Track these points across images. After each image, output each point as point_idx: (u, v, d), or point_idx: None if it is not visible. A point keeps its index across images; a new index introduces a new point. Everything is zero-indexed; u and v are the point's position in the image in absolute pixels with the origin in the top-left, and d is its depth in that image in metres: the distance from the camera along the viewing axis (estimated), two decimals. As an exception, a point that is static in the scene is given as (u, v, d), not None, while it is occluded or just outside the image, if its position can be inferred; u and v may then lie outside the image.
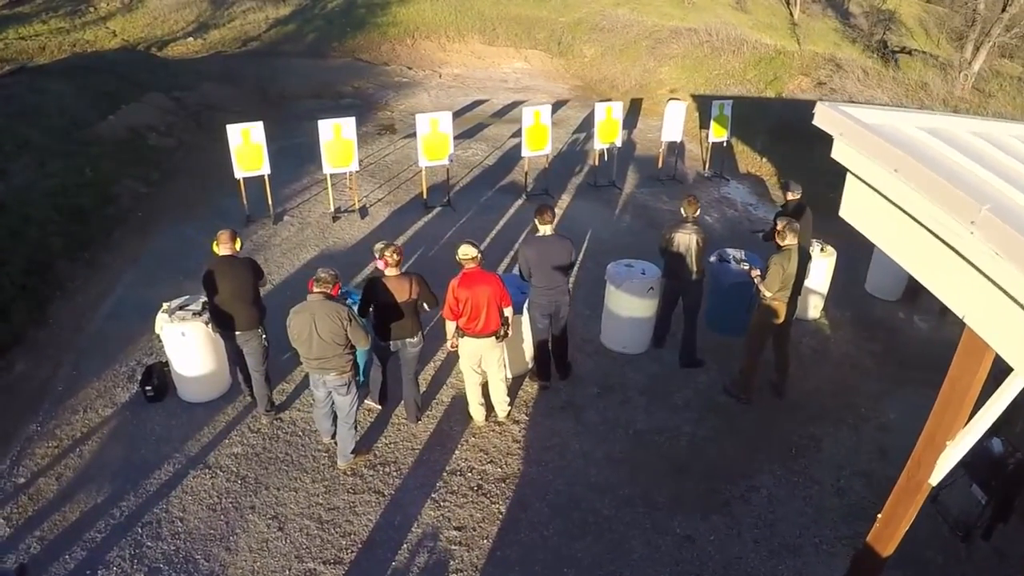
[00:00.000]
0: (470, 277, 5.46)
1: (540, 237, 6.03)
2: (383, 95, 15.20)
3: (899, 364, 7.63)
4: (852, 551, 5.04)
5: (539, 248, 5.97)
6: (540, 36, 19.11)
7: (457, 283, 5.45)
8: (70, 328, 7.16)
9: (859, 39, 22.26)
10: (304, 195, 10.49)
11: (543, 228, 6.02)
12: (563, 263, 6.07)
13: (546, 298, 6.05)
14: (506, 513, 5.28)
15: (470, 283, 5.44)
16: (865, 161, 3.07)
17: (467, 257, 5.49)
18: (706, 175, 12.60)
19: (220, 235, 5.57)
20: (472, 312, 5.48)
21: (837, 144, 3.22)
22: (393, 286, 5.32)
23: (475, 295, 5.44)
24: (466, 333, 5.62)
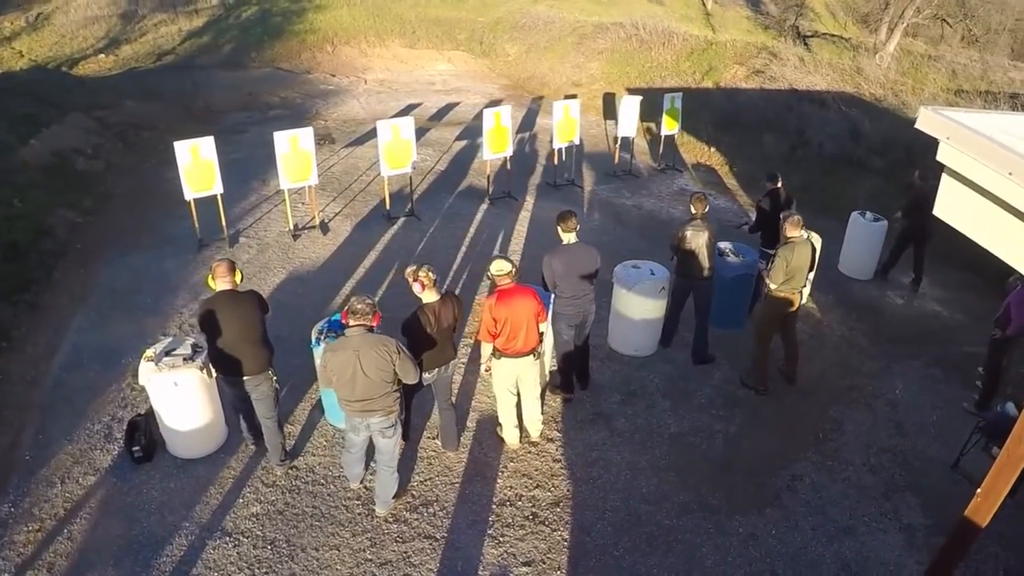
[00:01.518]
0: (507, 294, 5.24)
1: (566, 246, 5.93)
2: (312, 104, 14.65)
3: (889, 341, 8.01)
4: (898, 525, 5.46)
5: (566, 257, 5.85)
6: (461, 37, 19.04)
7: (495, 302, 5.21)
8: (24, 384, 6.38)
9: (771, 26, 23.47)
10: (255, 213, 9.85)
11: (568, 236, 5.91)
12: (590, 271, 6.00)
13: (573, 308, 5.90)
14: (570, 539, 5.11)
15: (508, 300, 5.23)
16: (975, 164, 3.14)
17: (502, 273, 5.25)
18: (659, 168, 12.75)
19: (216, 267, 5.01)
20: (511, 331, 5.28)
21: (943, 147, 3.32)
22: (437, 311, 4.99)
23: (514, 313, 5.24)
24: (504, 354, 5.35)
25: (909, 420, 6.79)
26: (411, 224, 9.89)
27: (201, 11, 18.95)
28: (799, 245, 6.43)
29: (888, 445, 6.40)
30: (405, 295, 7.78)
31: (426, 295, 5.06)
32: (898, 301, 9.00)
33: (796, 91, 13.23)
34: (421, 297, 5.09)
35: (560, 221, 5.91)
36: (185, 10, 18.79)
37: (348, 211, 10.20)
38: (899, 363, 7.63)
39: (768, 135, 12.67)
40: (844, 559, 5.16)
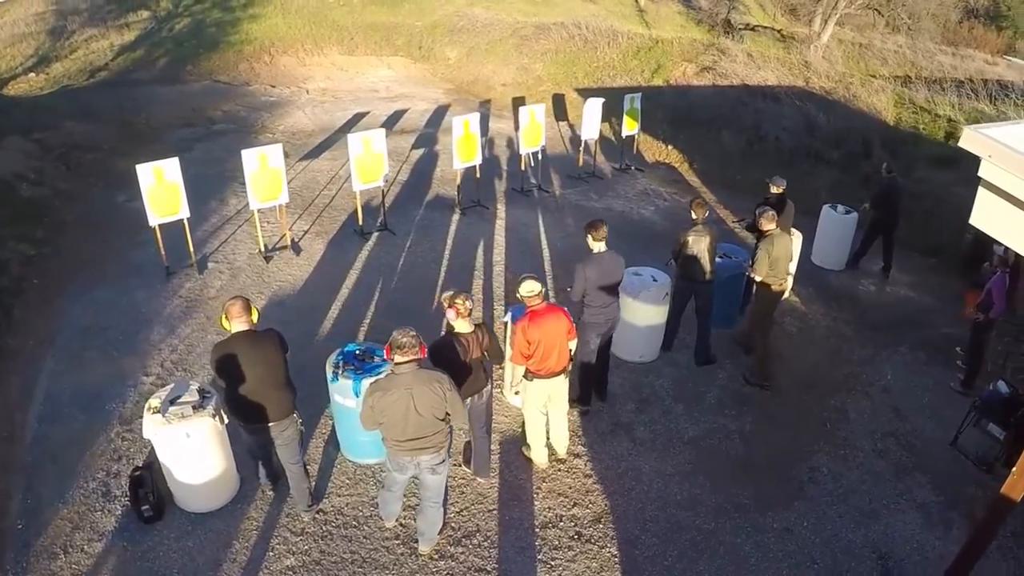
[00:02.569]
0: (539, 315, 5.25)
1: (598, 255, 6.03)
2: (257, 117, 14.28)
3: (872, 328, 8.49)
4: (914, 504, 5.89)
5: (599, 266, 5.98)
6: (400, 42, 18.94)
7: (528, 324, 5.21)
8: (1, 441, 5.85)
9: (704, 20, 24.22)
10: (219, 236, 9.50)
11: (598, 245, 6.00)
12: (619, 279, 6.12)
13: (603, 316, 6.01)
14: (620, 554, 5.23)
15: (541, 321, 5.25)
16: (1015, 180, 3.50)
17: (533, 294, 5.24)
18: (620, 168, 13.00)
19: (230, 307, 4.66)
20: (544, 352, 5.32)
21: (985, 164, 3.67)
22: (467, 341, 4.96)
23: (547, 334, 5.27)
24: (537, 375, 5.40)
25: (904, 404, 7.23)
26: (386, 239, 9.75)
27: (132, 25, 18.20)
28: (776, 237, 6.92)
29: (890, 429, 6.83)
30: (396, 315, 7.77)
31: (459, 323, 4.99)
32: (872, 289, 9.54)
33: (748, 87, 13.78)
34: (454, 324, 5.01)
35: (591, 230, 5.98)
36: (116, 24, 18.01)
37: (317, 228, 9.95)
38: (885, 350, 8.09)
39: (726, 131, 13.12)
40: (873, 542, 5.51)
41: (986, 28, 26.41)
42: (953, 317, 8.84)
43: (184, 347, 7.20)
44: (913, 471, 6.32)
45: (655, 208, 11.67)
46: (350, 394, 5.32)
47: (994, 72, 16.87)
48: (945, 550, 5.42)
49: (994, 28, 26.87)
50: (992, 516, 4.62)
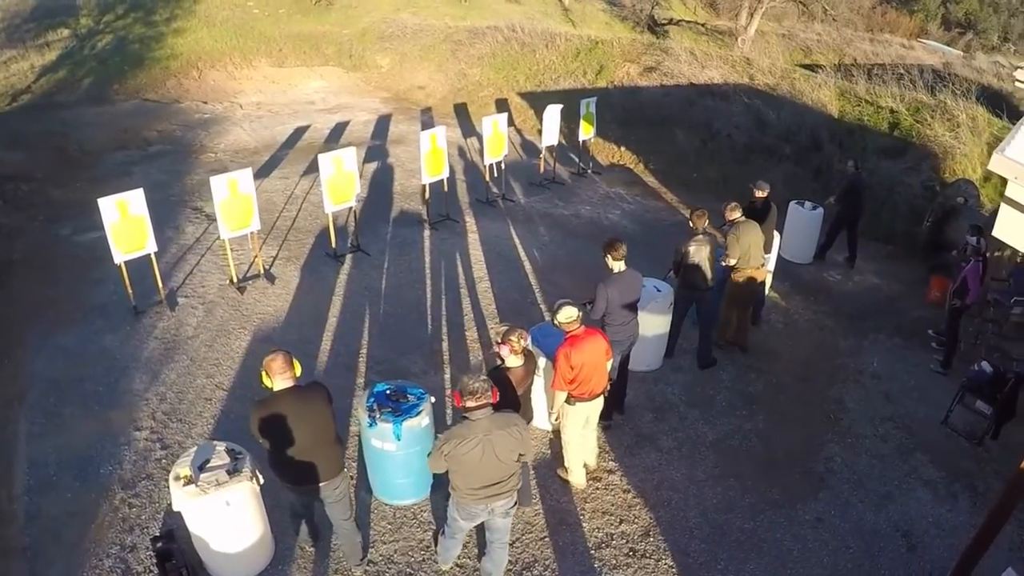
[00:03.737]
0: (580, 339, 5.42)
1: (619, 274, 6.28)
2: (194, 136, 13.83)
3: (850, 318, 9.14)
4: (921, 483, 6.48)
5: (620, 285, 6.24)
6: (329, 51, 18.74)
7: (571, 349, 5.36)
8: (-6, 522, 5.50)
9: (628, 17, 25.02)
10: (182, 268, 9.22)
11: (618, 264, 6.23)
12: (638, 297, 6.42)
13: (624, 333, 6.25)
14: (676, 565, 5.53)
15: (582, 345, 5.42)
16: None
17: (572, 319, 5.39)
18: (577, 172, 13.32)
19: (270, 363, 4.42)
20: (586, 375, 5.50)
21: (1011, 185, 4.21)
22: (516, 377, 5.06)
23: (589, 357, 5.45)
24: (579, 399, 5.60)
25: (893, 388, 7.85)
26: (361, 260, 9.67)
27: (52, 44, 17.32)
28: (743, 224, 7.57)
29: (886, 414, 7.43)
30: (393, 342, 7.77)
31: (511, 360, 5.08)
32: (841, 279, 10.22)
33: (695, 86, 14.39)
34: (506, 360, 5.09)
35: (611, 250, 6.19)
36: (35, 44, 17.11)
37: (286, 253, 9.77)
38: (866, 338, 8.72)
39: (679, 131, 13.66)
40: (895, 522, 6.03)
41: (899, 12, 28.42)
42: (920, 301, 9.63)
43: (173, 395, 6.93)
44: (914, 451, 6.90)
45: (621, 212, 12.04)
46: (390, 438, 5.29)
47: (914, 57, 18.30)
48: (956, 521, 6.04)
49: (906, 12, 28.94)
50: (1010, 493, 5.06)
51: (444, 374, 7.42)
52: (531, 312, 8.68)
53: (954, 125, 11.25)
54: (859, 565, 5.56)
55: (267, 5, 19.76)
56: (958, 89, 11.83)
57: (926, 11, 30.16)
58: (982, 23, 31.04)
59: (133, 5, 19.26)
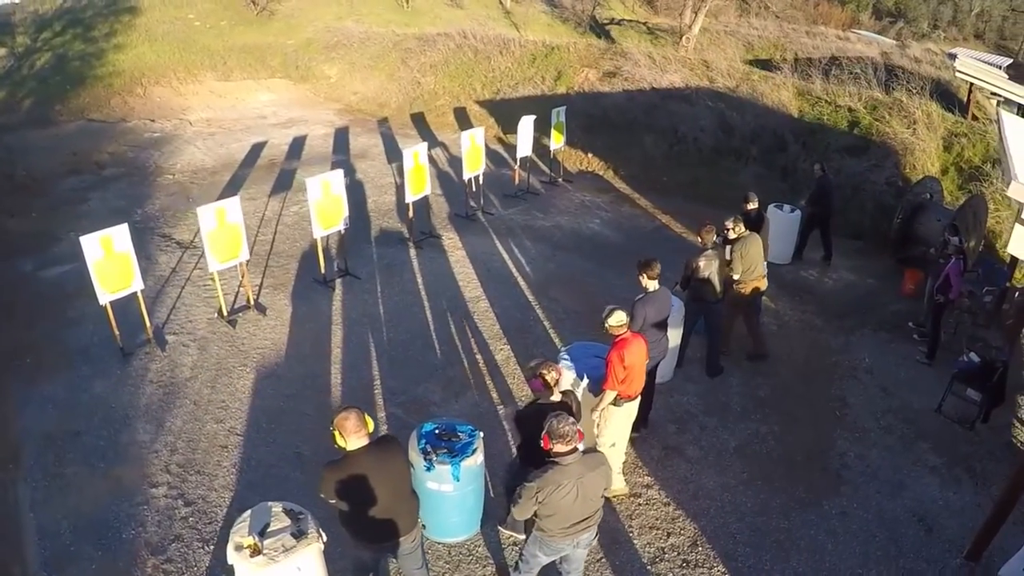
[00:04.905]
0: (627, 342, 5.80)
1: (654, 293, 6.60)
2: (147, 156, 13.55)
3: (837, 316, 9.77)
4: (927, 469, 7.06)
5: (656, 304, 6.59)
6: (275, 63, 18.55)
7: (623, 352, 5.73)
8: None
9: (569, 18, 25.52)
10: (164, 302, 9.10)
11: (653, 284, 6.56)
12: (669, 314, 6.73)
13: (656, 350, 6.61)
14: (728, 571, 5.89)
15: (630, 348, 5.80)
16: None
17: (622, 323, 5.77)
18: (549, 181, 13.61)
19: (343, 422, 4.29)
20: (634, 375, 5.90)
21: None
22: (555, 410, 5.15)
23: (636, 359, 5.86)
24: (628, 399, 5.97)
25: (887, 381, 8.44)
26: (352, 285, 9.69)
27: None
28: (748, 239, 8.04)
29: (885, 407, 8.03)
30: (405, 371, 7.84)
31: (547, 395, 5.19)
32: (820, 277, 10.82)
33: (657, 90, 14.90)
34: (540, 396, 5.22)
35: (646, 269, 6.50)
36: None
37: (270, 281, 9.69)
38: (854, 335, 9.32)
39: (646, 136, 14.11)
40: (910, 509, 6.57)
41: (831, 4, 29.89)
42: (896, 294, 10.33)
43: (184, 444, 6.79)
44: (916, 440, 7.49)
45: (600, 220, 12.39)
46: (449, 479, 5.40)
47: (854, 50, 19.36)
48: (963, 502, 6.64)
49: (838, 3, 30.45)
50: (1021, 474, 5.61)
51: (465, 401, 7.57)
52: (535, 330, 8.91)
53: (911, 122, 12.08)
54: (887, 552, 6.06)
55: (208, 17, 19.39)
56: (913, 87, 12.68)
57: (857, 1, 31.84)
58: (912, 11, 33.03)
59: (71, 21, 18.69)
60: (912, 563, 5.93)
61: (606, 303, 9.20)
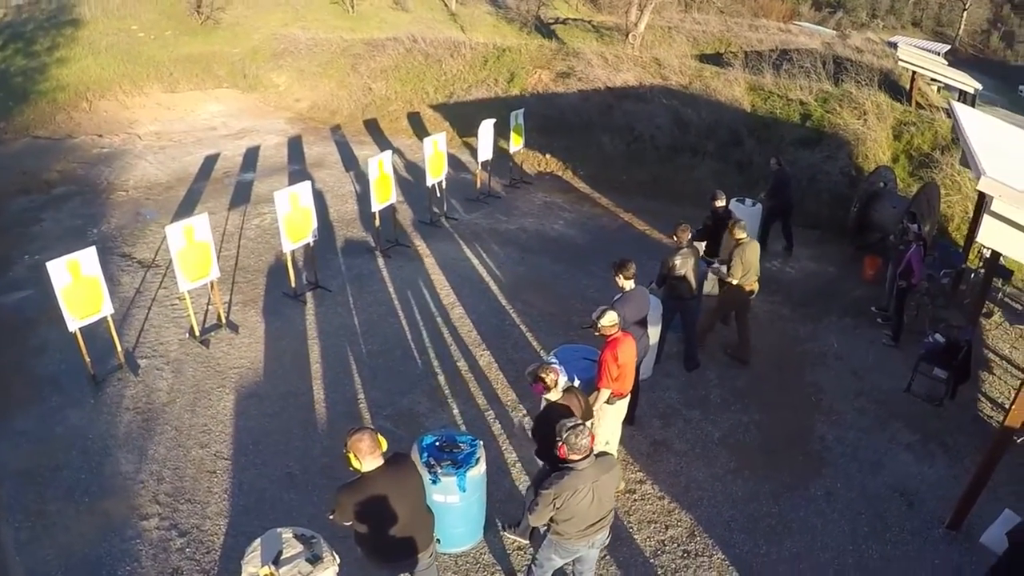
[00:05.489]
0: (619, 341, 5.98)
1: (630, 292, 6.81)
2: (98, 173, 13.29)
3: (802, 305, 10.17)
4: (902, 446, 7.44)
5: (633, 303, 6.79)
6: (222, 73, 18.28)
7: (616, 351, 5.92)
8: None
9: (515, 19, 25.71)
10: (132, 324, 8.96)
11: (629, 283, 6.78)
12: (647, 311, 6.94)
13: (638, 347, 6.69)
14: (726, 556, 6.13)
15: (623, 347, 5.98)
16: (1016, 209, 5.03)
17: (612, 323, 5.94)
18: (510, 184, 13.76)
19: (356, 444, 4.22)
20: (626, 373, 6.09)
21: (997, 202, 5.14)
22: (565, 408, 5.35)
23: (628, 357, 6.06)
24: (620, 397, 6.18)
25: (856, 365, 8.82)
26: (324, 298, 9.64)
27: None
28: (748, 244, 8.29)
29: (857, 390, 8.41)
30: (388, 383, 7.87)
31: (551, 395, 5.41)
32: (785, 269, 11.19)
33: (611, 89, 15.16)
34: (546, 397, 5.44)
35: (622, 269, 6.71)
36: None
37: (240, 297, 9.58)
38: (821, 322, 9.71)
39: (603, 135, 14.36)
40: (890, 485, 6.92)
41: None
42: (856, 281, 10.78)
43: (170, 472, 6.65)
44: (889, 419, 7.87)
45: (564, 221, 12.58)
46: (455, 490, 5.47)
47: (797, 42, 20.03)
48: (938, 475, 7.04)
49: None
50: (997, 444, 5.99)
51: (452, 410, 7.63)
52: (513, 334, 9.02)
53: (861, 113, 12.59)
54: (873, 527, 6.38)
55: (152, 28, 18.99)
56: (861, 78, 13.22)
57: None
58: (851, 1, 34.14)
59: (12, 36, 18.15)
60: (898, 536, 6.27)
61: (579, 305, 9.54)
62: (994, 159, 5.81)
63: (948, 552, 6.12)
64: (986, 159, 5.55)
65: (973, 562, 5.96)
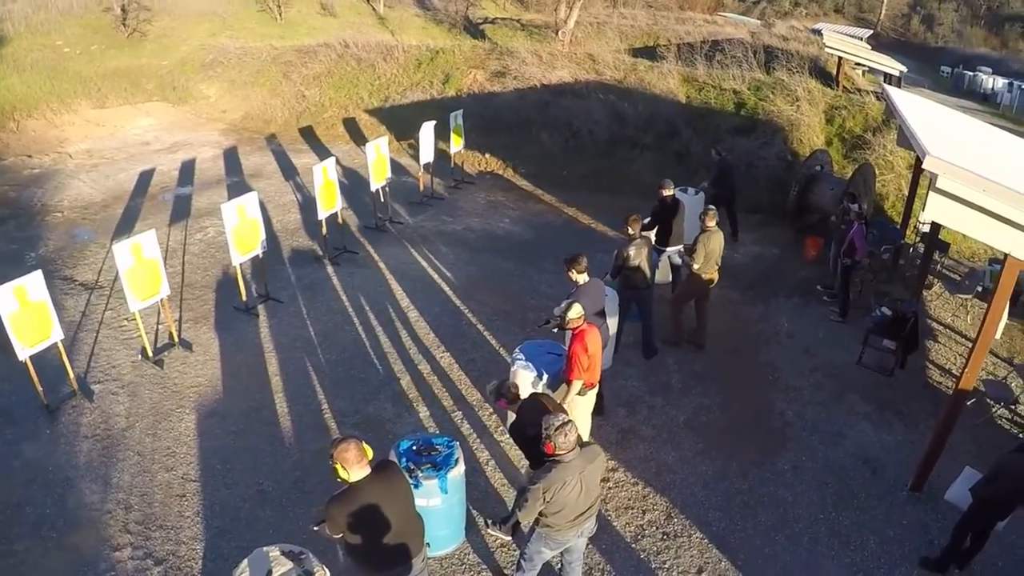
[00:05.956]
0: (586, 332, 6.08)
1: (585, 285, 6.92)
2: (30, 195, 12.82)
3: (751, 288, 10.51)
4: (860, 416, 7.78)
5: (590, 295, 6.88)
6: (151, 86, 17.79)
7: (586, 342, 6.02)
8: None
9: (443, 20, 25.69)
10: (80, 349, 8.62)
11: (582, 276, 6.90)
12: (604, 303, 7.10)
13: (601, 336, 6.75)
14: (705, 535, 6.29)
15: (591, 338, 6.10)
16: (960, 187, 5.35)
17: (579, 315, 6.06)
18: (453, 185, 13.78)
19: (342, 454, 4.15)
20: (595, 363, 6.21)
21: (942, 178, 5.38)
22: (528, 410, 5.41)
23: (596, 347, 6.17)
24: (590, 388, 6.31)
25: (808, 342, 9.16)
26: (276, 309, 9.47)
27: None
28: (714, 234, 8.46)
29: (811, 366, 8.73)
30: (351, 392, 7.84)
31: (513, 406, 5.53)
32: (732, 254, 11.50)
33: (547, 86, 15.31)
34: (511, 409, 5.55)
35: (574, 264, 6.87)
36: None
37: (190, 314, 9.32)
38: (770, 303, 10.05)
39: (542, 132, 14.51)
40: (852, 454, 7.23)
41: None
42: (800, 262, 11.18)
43: (138, 499, 6.39)
44: (844, 391, 8.21)
45: (510, 220, 12.66)
46: (437, 493, 5.46)
47: (724, 32, 20.59)
48: (897, 441, 7.39)
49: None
50: (951, 408, 6.34)
51: (419, 413, 7.58)
52: (470, 334, 9.03)
53: (794, 99, 13.04)
54: (840, 495, 6.64)
55: (77, 42, 18.29)
56: (792, 66, 13.70)
57: (719, -16, 33.84)
58: (774, -9, 35.17)
59: None
60: (864, 501, 6.55)
61: (533, 301, 9.64)
62: (933, 138, 6.12)
63: (914, 512, 6.43)
64: (927, 139, 5.84)
65: (938, 519, 6.28)
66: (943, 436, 6.33)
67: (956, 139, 7.38)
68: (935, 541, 6.05)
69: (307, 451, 6.96)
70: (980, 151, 7.13)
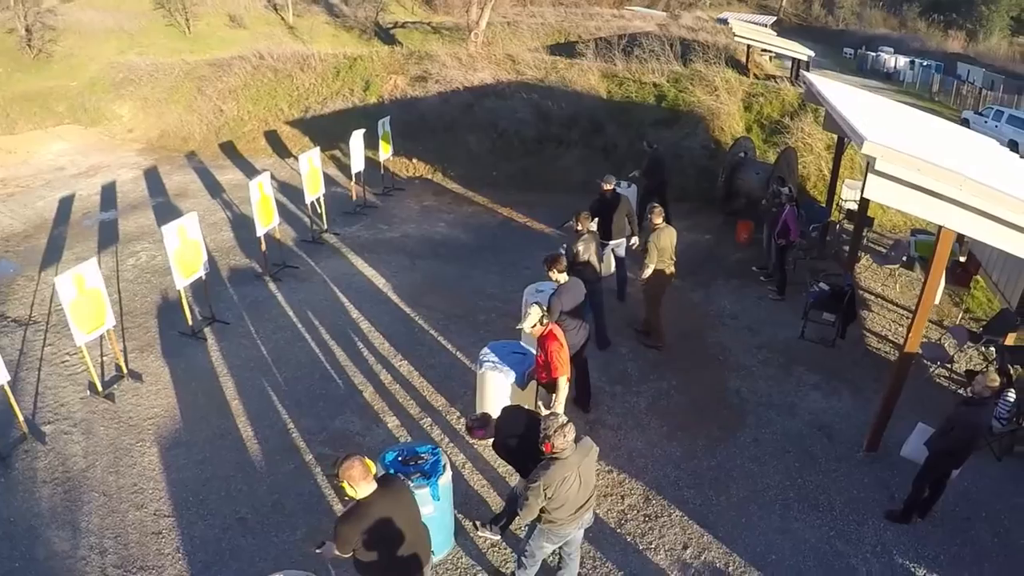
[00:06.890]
0: (555, 329, 6.29)
1: (565, 284, 7.09)
2: None
3: (691, 274, 10.98)
4: (809, 386, 8.24)
5: (569, 293, 7.05)
6: (61, 109, 16.95)
7: (558, 336, 6.21)
8: None
9: (354, 26, 25.40)
10: (25, 389, 8.13)
11: (561, 276, 7.08)
12: (583, 300, 7.19)
13: (582, 333, 7.06)
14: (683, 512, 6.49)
15: (559, 332, 6.30)
16: (897, 168, 5.75)
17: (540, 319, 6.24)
18: (383, 193, 13.72)
19: (348, 472, 4.15)
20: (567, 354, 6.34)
21: (879, 160, 5.75)
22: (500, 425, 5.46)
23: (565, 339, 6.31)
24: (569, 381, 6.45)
25: (751, 321, 9.60)
26: (223, 332, 9.21)
27: None
28: (663, 230, 8.65)
29: (757, 343, 9.17)
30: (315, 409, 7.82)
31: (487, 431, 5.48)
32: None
33: (470, 89, 15.39)
34: None
35: (554, 264, 7.04)
36: None
37: (134, 343, 8.96)
38: (710, 287, 10.49)
39: (468, 135, 14.61)
40: (808, 423, 7.66)
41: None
42: (733, 245, 11.66)
43: (112, 542, 6.09)
44: (792, 364, 8.65)
45: (446, 223, 12.71)
46: (428, 501, 5.44)
47: (633, 26, 21.15)
48: (847, 407, 7.87)
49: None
50: (899, 371, 6.80)
51: (387, 424, 7.54)
52: (425, 339, 9.04)
53: (712, 89, 13.56)
54: (803, 462, 7.04)
55: (-18, 68, 17.19)
56: (708, 57, 14.24)
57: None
58: (678, -19, 36.07)
59: None
60: (826, 465, 6.96)
61: (482, 302, 9.74)
62: (864, 123, 6.53)
63: (872, 471, 6.87)
64: (859, 124, 6.24)
65: (896, 475, 6.74)
66: (893, 398, 6.78)
67: (884, 121, 7.87)
68: (896, 495, 6.49)
69: (280, 472, 6.82)
70: (906, 131, 7.64)
